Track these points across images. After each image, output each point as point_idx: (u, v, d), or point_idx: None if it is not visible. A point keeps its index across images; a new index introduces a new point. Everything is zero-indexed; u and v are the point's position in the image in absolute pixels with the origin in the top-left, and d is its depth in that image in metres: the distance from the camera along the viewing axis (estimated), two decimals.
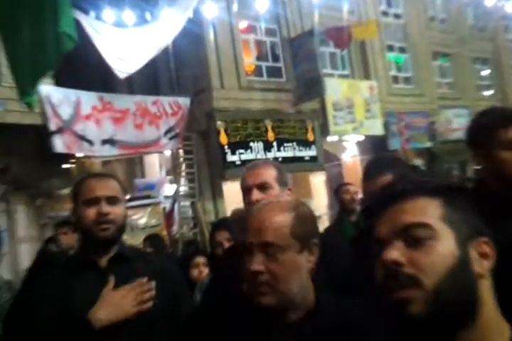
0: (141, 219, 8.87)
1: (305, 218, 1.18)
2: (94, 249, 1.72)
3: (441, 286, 0.72)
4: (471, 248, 0.76)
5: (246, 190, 1.79)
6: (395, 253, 0.74)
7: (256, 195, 1.73)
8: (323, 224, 13.89)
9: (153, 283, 1.62)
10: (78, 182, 1.77)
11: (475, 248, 0.76)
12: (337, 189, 4.80)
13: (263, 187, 1.76)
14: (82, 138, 8.06)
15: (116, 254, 1.73)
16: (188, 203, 9.58)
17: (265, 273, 1.10)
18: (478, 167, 1.74)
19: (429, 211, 0.77)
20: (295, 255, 1.14)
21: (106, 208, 1.67)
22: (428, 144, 13.99)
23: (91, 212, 1.67)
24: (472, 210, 0.80)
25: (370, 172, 1.88)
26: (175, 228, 9.03)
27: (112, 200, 1.70)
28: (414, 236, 0.75)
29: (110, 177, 1.82)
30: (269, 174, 1.80)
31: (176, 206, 9.22)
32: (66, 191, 9.24)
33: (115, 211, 1.70)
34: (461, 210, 0.78)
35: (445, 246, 0.74)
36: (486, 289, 0.76)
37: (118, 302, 1.58)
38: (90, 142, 8.17)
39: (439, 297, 0.71)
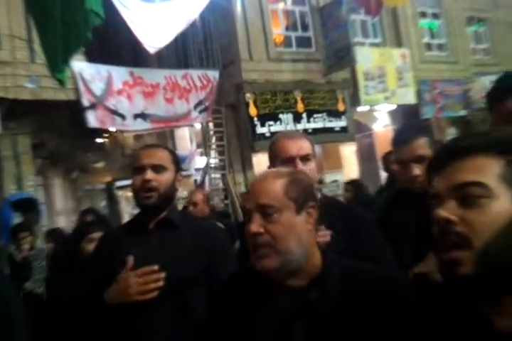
0: None
1: (299, 182, 1.21)
2: (142, 213, 1.85)
3: (493, 247, 0.71)
4: None
5: (287, 160, 1.78)
6: (448, 211, 0.75)
7: (300, 166, 1.75)
8: None
9: (163, 274, 1.67)
10: (131, 154, 1.96)
11: None
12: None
13: (305, 158, 1.79)
14: (115, 112, 8.21)
15: (163, 219, 1.83)
16: (218, 175, 9.71)
17: (264, 234, 1.14)
18: None
19: (487, 169, 0.76)
20: (292, 215, 1.17)
21: (150, 175, 1.76)
22: (462, 112, 13.64)
23: (137, 179, 1.78)
24: None
25: (402, 137, 1.89)
26: None
27: (158, 168, 1.79)
28: (469, 195, 0.75)
29: (160, 147, 1.93)
30: (309, 146, 1.83)
31: (207, 178, 9.36)
32: (100, 165, 9.52)
33: (159, 179, 1.78)
34: None
35: (500, 206, 0.73)
36: None
37: (123, 288, 1.66)
38: (122, 116, 8.32)
39: (489, 258, 0.71)
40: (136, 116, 8.51)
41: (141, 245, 1.76)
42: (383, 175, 11.90)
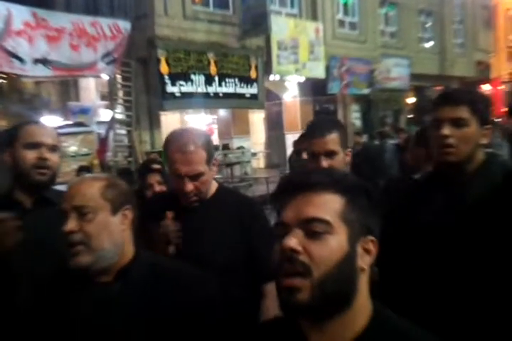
0: (72, 146, 8.72)
1: (117, 185, 1.29)
2: (22, 190, 1.75)
3: (327, 278, 0.80)
4: (359, 245, 0.85)
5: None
6: (294, 241, 0.81)
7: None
8: (260, 162, 14.24)
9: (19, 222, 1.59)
10: (17, 126, 1.79)
11: (362, 245, 0.85)
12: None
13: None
14: (13, 55, 7.66)
15: (41, 197, 1.76)
16: (123, 131, 9.45)
17: (79, 232, 1.20)
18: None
19: (331, 207, 0.84)
20: (107, 215, 1.24)
21: (47, 154, 1.73)
22: (366, 91, 14.33)
23: (31, 155, 1.71)
24: (369, 210, 0.88)
25: (317, 130, 1.96)
26: (109, 155, 8.93)
27: (52, 148, 1.76)
28: (314, 230, 0.83)
29: (49, 126, 1.87)
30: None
31: (111, 133, 9.08)
32: None
33: (53, 158, 1.75)
34: (360, 210, 0.86)
35: (338, 241, 0.83)
36: (364, 281, 0.86)
37: None
38: (21, 60, 7.78)
39: (324, 287, 0.80)
40: (37, 61, 7.99)
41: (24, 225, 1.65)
42: (288, 143, 12.28)
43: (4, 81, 8.30)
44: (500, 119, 7.15)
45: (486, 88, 17.63)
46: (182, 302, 1.24)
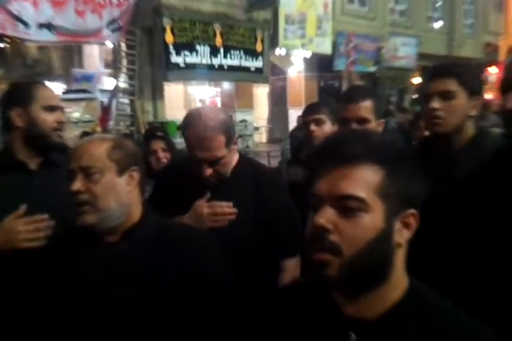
0: (75, 113, 8.71)
1: (123, 146, 1.30)
2: (30, 151, 1.75)
3: (358, 256, 0.77)
4: (397, 220, 0.80)
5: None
6: (325, 219, 0.78)
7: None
8: (262, 136, 14.22)
9: (52, 222, 1.58)
10: (30, 86, 1.77)
11: (401, 219, 0.80)
12: None
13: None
14: (18, 18, 7.57)
15: (47, 159, 1.78)
16: (126, 100, 9.41)
17: (85, 192, 1.23)
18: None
19: (368, 183, 0.79)
20: (113, 176, 1.26)
21: (63, 117, 1.81)
22: (372, 69, 14.20)
23: (52, 118, 1.75)
24: (412, 180, 0.81)
25: (352, 95, 1.96)
26: (111, 123, 8.93)
27: (62, 111, 1.83)
28: (347, 207, 0.78)
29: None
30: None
31: (114, 102, 9.05)
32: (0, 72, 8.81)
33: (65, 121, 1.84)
34: (400, 182, 0.80)
35: (373, 219, 0.78)
36: (400, 256, 0.82)
37: (12, 234, 1.55)
38: (26, 24, 7.69)
39: (354, 265, 0.77)
40: (42, 25, 7.90)
41: (22, 188, 1.68)
42: (292, 117, 12.24)
43: (7, 45, 8.23)
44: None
45: (492, 71, 17.45)
46: (189, 262, 1.26)
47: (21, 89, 1.77)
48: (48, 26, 7.94)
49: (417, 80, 16.85)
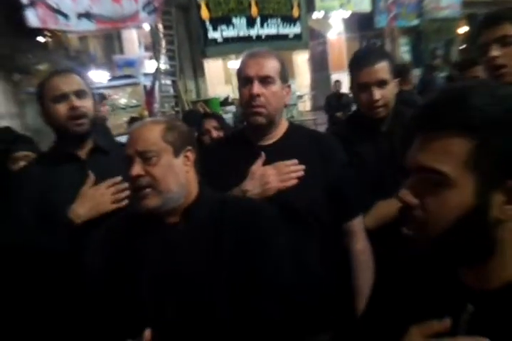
0: (122, 99, 8.88)
1: (176, 127, 1.31)
2: (71, 142, 1.75)
3: (445, 234, 0.72)
4: (495, 193, 0.70)
5: (245, 80, 1.63)
6: (409, 194, 0.74)
7: (257, 88, 1.59)
8: (306, 104, 14.06)
9: (126, 184, 1.62)
10: (41, 83, 1.75)
11: (502, 192, 0.70)
12: None
13: (266, 80, 1.61)
14: (57, 11, 7.66)
15: (94, 146, 1.78)
16: (168, 82, 9.47)
17: (145, 176, 1.25)
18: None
19: (455, 154, 0.70)
20: (170, 158, 1.28)
21: (76, 102, 1.68)
22: (415, 22, 13.57)
23: (62, 108, 1.68)
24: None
25: (364, 59, 1.81)
26: (156, 106, 9.06)
27: (80, 94, 1.71)
28: (429, 181, 0.72)
29: (72, 72, 1.78)
30: (273, 67, 1.63)
31: (157, 84, 9.15)
32: (43, 66, 9.02)
33: (85, 104, 1.71)
34: (496, 152, 0.69)
35: (459, 196, 0.70)
36: (508, 230, 0.72)
37: (97, 198, 1.64)
38: (65, 16, 7.77)
39: (442, 243, 0.72)
40: (80, 15, 7.97)
41: (78, 178, 1.70)
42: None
43: (50, 39, 8.37)
44: None
45: None
46: (249, 234, 1.27)
47: (38, 86, 1.77)
48: (87, 16, 8.01)
49: (463, 30, 16.03)
